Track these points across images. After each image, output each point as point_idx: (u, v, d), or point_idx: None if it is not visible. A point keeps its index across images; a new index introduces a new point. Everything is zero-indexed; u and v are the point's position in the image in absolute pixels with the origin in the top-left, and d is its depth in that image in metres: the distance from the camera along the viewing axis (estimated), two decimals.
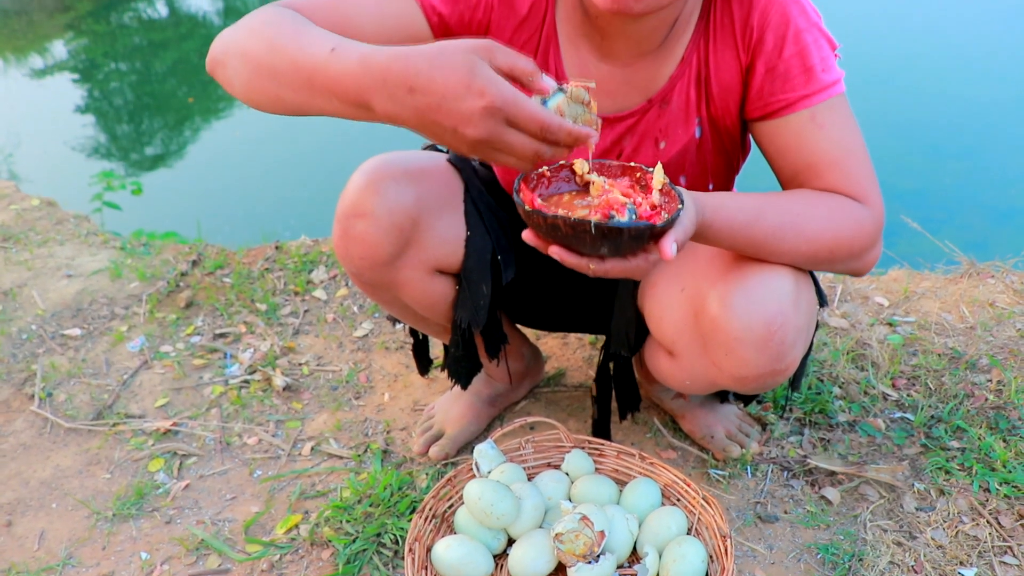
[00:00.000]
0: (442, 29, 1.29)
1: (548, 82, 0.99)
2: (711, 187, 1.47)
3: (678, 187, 1.11)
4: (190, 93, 9.92)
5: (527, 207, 1.03)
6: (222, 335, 2.30)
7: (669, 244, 1.02)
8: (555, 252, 1.04)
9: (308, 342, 2.26)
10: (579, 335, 2.17)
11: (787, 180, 1.33)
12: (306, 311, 2.38)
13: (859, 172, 1.26)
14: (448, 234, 1.45)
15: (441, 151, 1.60)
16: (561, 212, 1.02)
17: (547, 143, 0.96)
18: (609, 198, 1.09)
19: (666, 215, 1.04)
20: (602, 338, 2.06)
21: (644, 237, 1.02)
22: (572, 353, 2.11)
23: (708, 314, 1.28)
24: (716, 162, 1.43)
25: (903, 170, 5.22)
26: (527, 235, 1.07)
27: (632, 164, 1.17)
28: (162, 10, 15.53)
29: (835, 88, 1.25)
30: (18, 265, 2.69)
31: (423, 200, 1.40)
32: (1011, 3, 8.68)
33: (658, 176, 1.11)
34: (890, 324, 2.14)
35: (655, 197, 1.10)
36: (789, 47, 1.23)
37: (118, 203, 4.44)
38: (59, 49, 12.53)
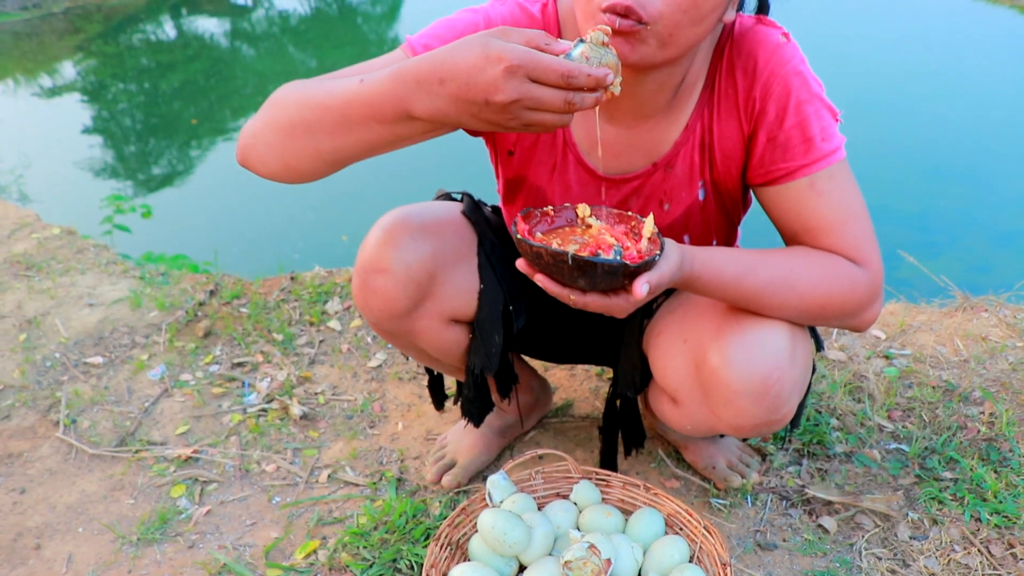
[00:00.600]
0: None
1: (565, 42, 1.06)
2: (714, 243, 1.54)
3: (665, 238, 1.19)
4: (196, 114, 10.01)
5: (518, 235, 1.13)
6: (240, 364, 2.38)
7: (640, 285, 1.11)
8: (540, 280, 1.14)
9: (323, 372, 2.33)
10: (586, 367, 2.24)
11: (788, 239, 1.39)
12: (321, 341, 2.46)
13: (857, 236, 1.31)
14: (462, 286, 1.53)
15: (455, 199, 1.67)
16: (544, 244, 1.12)
17: (573, 89, 1.02)
18: (599, 239, 1.18)
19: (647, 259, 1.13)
20: (608, 370, 2.14)
21: (617, 274, 1.11)
22: (579, 384, 2.19)
23: (708, 367, 1.36)
24: (719, 221, 1.51)
25: (901, 194, 5.29)
26: (520, 263, 1.17)
27: (628, 213, 1.26)
28: (170, 32, 15.70)
29: (835, 156, 1.29)
30: (41, 294, 2.77)
31: (439, 254, 1.47)
32: (1008, 27, 8.79)
33: (648, 226, 1.20)
34: (886, 357, 2.22)
35: (643, 244, 1.19)
36: (790, 118, 1.28)
37: (128, 226, 4.53)
38: (68, 70, 12.67)
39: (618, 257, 1.12)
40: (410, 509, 1.78)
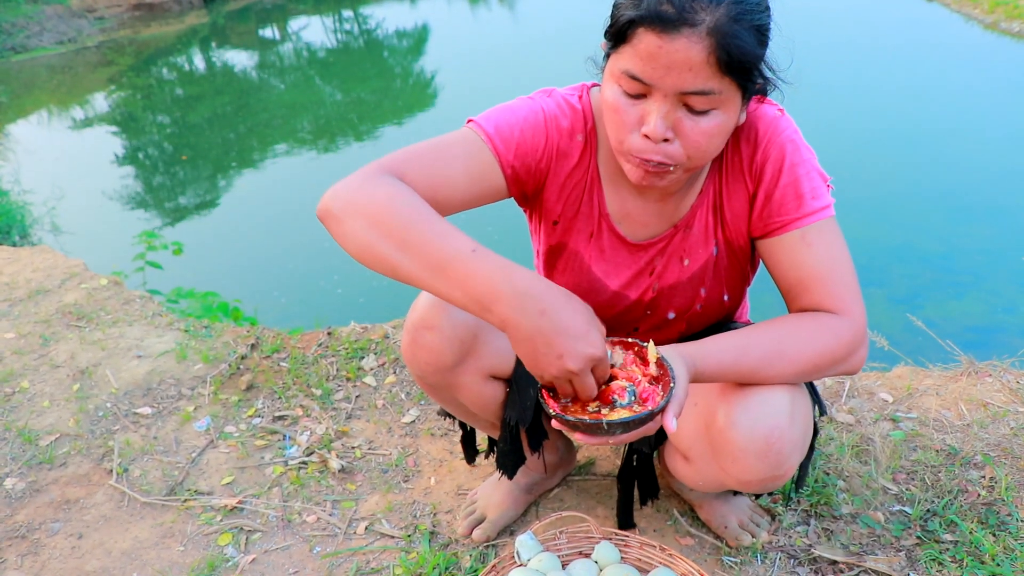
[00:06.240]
0: (513, 178, 1.51)
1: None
2: (726, 297, 1.71)
3: (668, 358, 1.33)
4: (222, 146, 10.19)
5: (551, 412, 1.27)
6: (281, 417, 2.52)
7: (670, 420, 1.27)
8: (578, 438, 1.28)
9: (360, 426, 2.48)
10: None
11: (784, 294, 1.56)
12: (357, 396, 2.60)
13: (841, 287, 1.47)
14: (502, 345, 1.69)
15: None
16: (578, 417, 1.25)
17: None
18: (612, 385, 1.30)
19: (661, 391, 1.28)
20: None
21: (647, 421, 1.26)
22: None
23: (716, 427, 1.51)
24: (731, 276, 1.68)
25: (926, 232, 5.40)
26: (555, 424, 1.30)
27: (629, 340, 1.38)
28: (199, 64, 16.03)
29: (823, 213, 1.47)
30: (93, 345, 2.93)
31: None
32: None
33: (651, 352, 1.33)
34: (893, 420, 2.33)
35: (652, 368, 1.32)
36: (784, 178, 1.47)
37: (160, 262, 4.70)
38: (100, 102, 12.98)
39: (633, 396, 1.27)
40: (443, 562, 1.91)
